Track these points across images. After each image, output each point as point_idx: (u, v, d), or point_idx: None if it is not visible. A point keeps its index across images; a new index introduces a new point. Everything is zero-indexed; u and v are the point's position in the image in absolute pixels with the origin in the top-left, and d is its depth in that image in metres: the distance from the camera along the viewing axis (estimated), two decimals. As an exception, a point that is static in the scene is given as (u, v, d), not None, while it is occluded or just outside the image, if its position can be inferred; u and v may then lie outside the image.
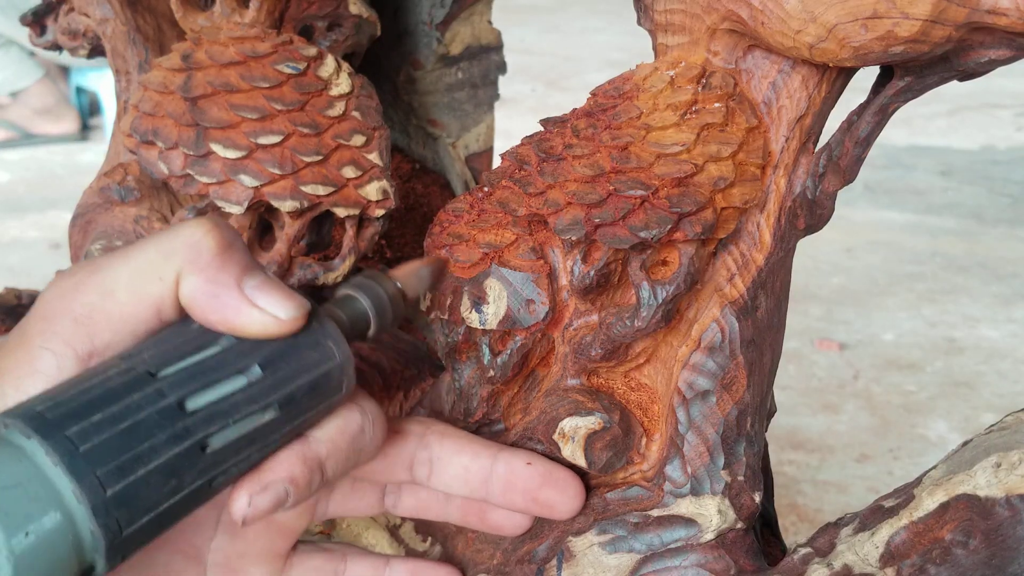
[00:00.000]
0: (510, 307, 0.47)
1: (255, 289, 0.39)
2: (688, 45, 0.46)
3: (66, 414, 0.35)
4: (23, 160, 2.76)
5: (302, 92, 0.58)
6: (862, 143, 0.45)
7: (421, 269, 0.45)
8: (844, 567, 0.44)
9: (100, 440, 0.34)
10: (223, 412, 0.37)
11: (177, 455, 0.36)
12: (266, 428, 0.38)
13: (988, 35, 0.39)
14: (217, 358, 0.38)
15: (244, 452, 0.38)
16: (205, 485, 0.37)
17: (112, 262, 0.40)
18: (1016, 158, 2.75)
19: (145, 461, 0.35)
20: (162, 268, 0.39)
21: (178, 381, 0.37)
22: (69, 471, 0.34)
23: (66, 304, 0.39)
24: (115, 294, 0.39)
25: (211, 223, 0.40)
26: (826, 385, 1.64)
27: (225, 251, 0.40)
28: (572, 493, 0.47)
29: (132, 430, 0.35)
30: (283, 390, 0.39)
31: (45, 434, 0.34)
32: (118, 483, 0.34)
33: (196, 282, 0.39)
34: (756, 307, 0.46)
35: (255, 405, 0.38)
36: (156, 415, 0.36)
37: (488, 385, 0.48)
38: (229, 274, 0.39)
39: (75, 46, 0.74)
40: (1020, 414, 0.45)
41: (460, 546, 0.51)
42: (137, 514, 0.35)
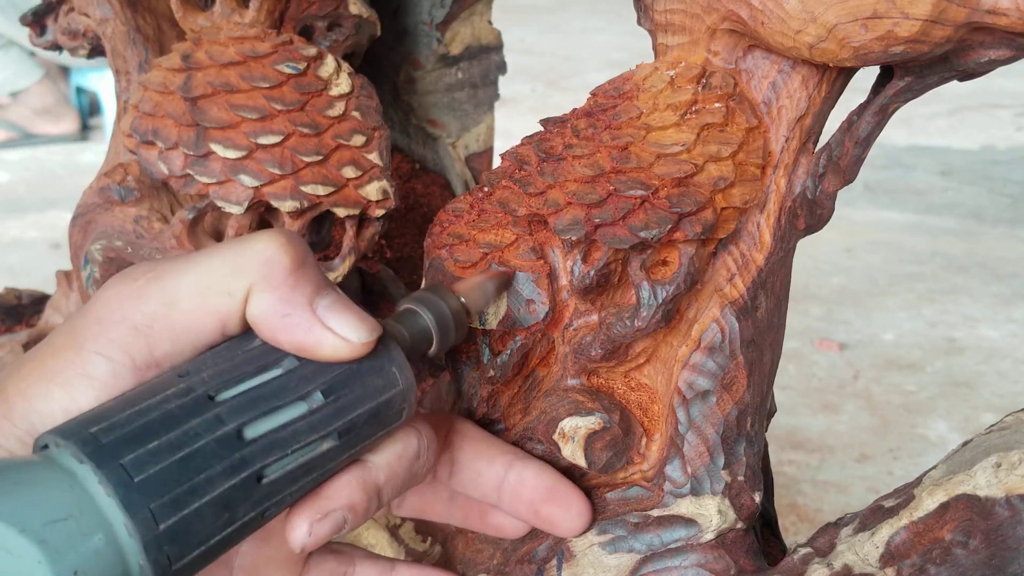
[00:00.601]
0: (510, 307, 0.47)
1: (327, 310, 0.38)
2: (688, 45, 0.46)
3: (121, 439, 0.34)
4: (23, 160, 2.76)
5: (302, 92, 0.58)
6: (862, 143, 0.45)
7: (486, 283, 0.45)
8: (844, 567, 0.44)
9: (155, 471, 0.33)
10: (282, 442, 0.36)
11: (232, 487, 0.35)
12: (324, 457, 0.37)
13: (988, 35, 0.39)
14: (278, 382, 0.37)
15: (300, 482, 0.37)
16: (258, 516, 0.36)
17: (176, 270, 0.38)
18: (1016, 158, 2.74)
19: (200, 494, 0.34)
20: (232, 282, 0.38)
21: (237, 407, 0.36)
22: (123, 505, 0.32)
23: (125, 310, 0.37)
24: (179, 304, 0.38)
25: (285, 237, 0.39)
26: (826, 385, 1.64)
27: (299, 268, 0.38)
28: (575, 512, 0.46)
29: (188, 460, 0.34)
30: (344, 418, 0.38)
31: (99, 462, 0.33)
32: (171, 518, 0.33)
33: (268, 300, 0.38)
34: (756, 307, 0.46)
35: (315, 434, 0.37)
36: (214, 444, 0.35)
37: (488, 385, 0.48)
38: (302, 293, 0.38)
39: (75, 46, 0.74)
40: (1020, 414, 0.45)
41: (460, 546, 0.51)
42: (188, 549, 0.34)
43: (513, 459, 0.46)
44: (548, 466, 0.47)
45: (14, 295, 0.88)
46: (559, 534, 0.47)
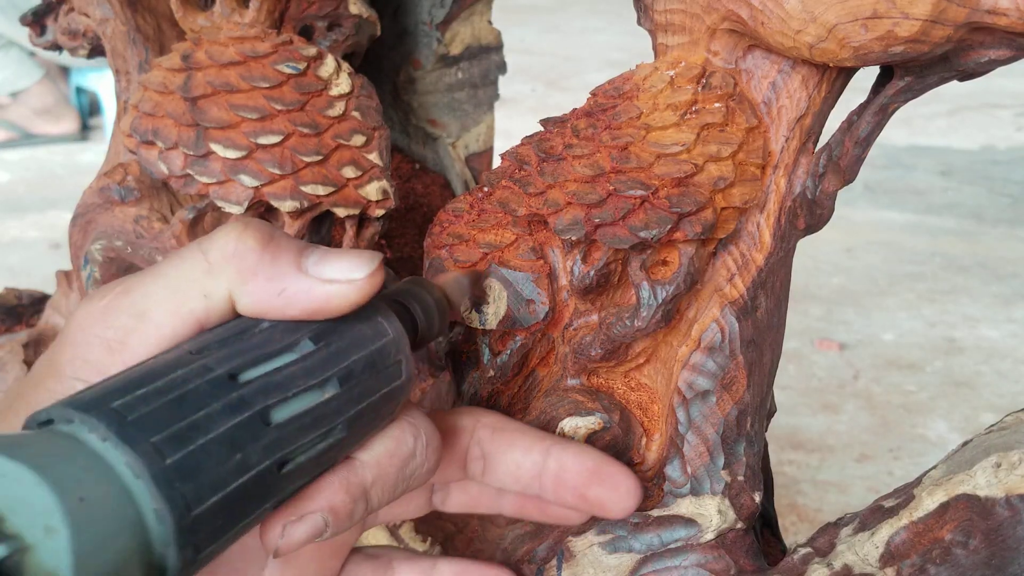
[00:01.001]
0: (510, 307, 0.47)
1: (317, 265, 0.37)
2: (688, 45, 0.46)
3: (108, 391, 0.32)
4: (23, 160, 2.76)
5: (302, 92, 0.58)
6: (862, 143, 0.45)
7: (460, 277, 0.45)
8: (844, 567, 0.44)
9: (149, 410, 0.31)
10: (278, 384, 0.35)
11: (237, 425, 0.33)
12: (328, 407, 0.36)
13: (988, 35, 0.39)
14: (263, 336, 0.36)
15: (309, 434, 0.35)
16: (272, 468, 0.34)
17: (142, 282, 0.37)
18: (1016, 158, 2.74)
19: (203, 430, 0.32)
20: (205, 284, 0.37)
21: (224, 357, 0.35)
22: (121, 439, 0.30)
23: (96, 329, 0.36)
24: (150, 315, 0.36)
25: (241, 224, 0.37)
26: (826, 385, 1.64)
27: (268, 243, 0.37)
28: (624, 490, 0.43)
29: (182, 400, 0.32)
30: (339, 364, 0.36)
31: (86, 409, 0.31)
32: (177, 452, 0.31)
33: (257, 287, 0.37)
34: (756, 307, 0.46)
35: (312, 379, 0.35)
36: (206, 385, 0.33)
37: (488, 385, 0.48)
38: (285, 263, 0.37)
39: (75, 46, 0.74)
40: (1020, 414, 0.45)
41: (460, 546, 0.51)
42: (204, 491, 0.31)
43: (551, 445, 0.44)
44: (589, 447, 0.44)
45: (14, 295, 0.88)
46: (610, 516, 0.44)
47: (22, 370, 0.79)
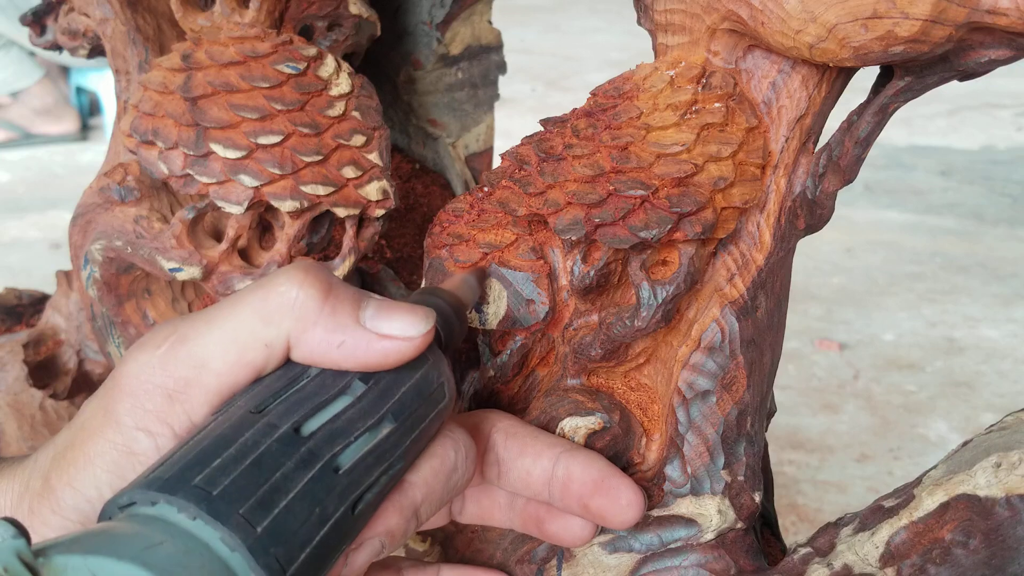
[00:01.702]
0: (510, 307, 0.47)
1: (375, 319, 0.38)
2: (688, 45, 0.46)
3: (186, 466, 0.33)
4: (23, 160, 2.76)
5: (302, 92, 0.58)
6: (862, 143, 0.45)
7: (467, 278, 0.45)
8: (844, 567, 0.44)
9: (230, 480, 0.32)
10: (340, 431, 0.36)
11: (312, 479, 0.34)
12: (388, 443, 0.37)
13: (988, 35, 0.39)
14: (315, 383, 0.37)
15: (374, 472, 0.36)
16: (348, 512, 0.35)
17: (199, 329, 0.37)
18: (1016, 158, 2.74)
19: (283, 491, 0.33)
20: (265, 334, 0.37)
21: (284, 412, 0.35)
22: (212, 516, 0.31)
23: (156, 379, 0.37)
24: (210, 365, 0.37)
25: (302, 271, 0.38)
26: (826, 385, 1.64)
27: (329, 294, 0.38)
28: (624, 502, 0.43)
29: (258, 464, 0.33)
30: (391, 399, 0.38)
31: (171, 490, 0.32)
32: (265, 518, 0.32)
33: (316, 337, 0.37)
34: (756, 307, 0.46)
35: (369, 419, 0.37)
36: (276, 444, 0.34)
37: (488, 385, 0.48)
38: (344, 315, 0.37)
39: (75, 46, 0.74)
40: (1020, 414, 0.45)
41: (460, 546, 0.51)
42: (294, 551, 0.33)
43: (561, 452, 0.44)
44: (597, 456, 0.45)
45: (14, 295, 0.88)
46: (612, 527, 0.45)
47: (22, 370, 0.80)
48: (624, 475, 0.44)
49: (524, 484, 0.44)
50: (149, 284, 0.67)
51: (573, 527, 0.45)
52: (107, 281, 0.65)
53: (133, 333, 0.66)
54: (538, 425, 0.47)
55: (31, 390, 0.80)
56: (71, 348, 0.82)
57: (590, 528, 0.45)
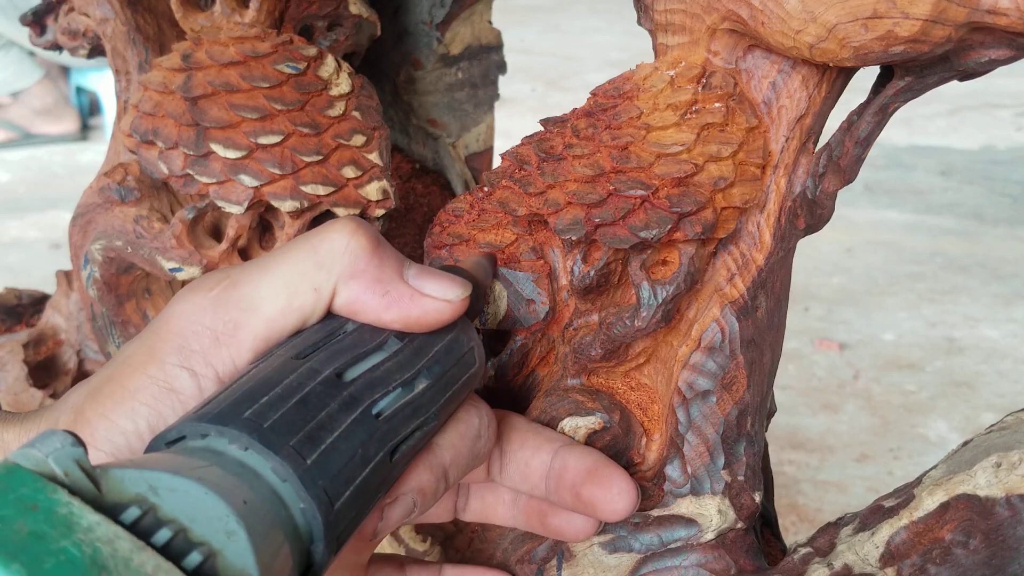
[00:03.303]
0: (510, 307, 0.47)
1: (417, 279, 0.39)
2: (688, 45, 0.45)
3: (236, 402, 0.33)
4: (23, 160, 2.76)
5: (302, 92, 0.58)
6: (862, 143, 0.45)
7: (481, 260, 0.46)
8: (844, 567, 0.44)
9: (279, 415, 0.33)
10: (379, 380, 0.37)
11: (354, 420, 0.35)
12: (424, 398, 0.38)
13: (988, 35, 0.39)
14: (353, 337, 0.38)
15: (410, 424, 0.37)
16: (386, 458, 0.36)
17: (252, 274, 0.38)
18: (1016, 158, 2.74)
19: (329, 429, 0.34)
20: (316, 278, 0.38)
21: (325, 359, 0.36)
22: (264, 446, 0.32)
23: (205, 320, 0.37)
24: (261, 309, 0.37)
25: (354, 223, 0.39)
26: (826, 385, 1.64)
27: (378, 248, 0.39)
28: (616, 491, 0.43)
29: (304, 403, 0.34)
30: (425, 357, 0.39)
31: (223, 422, 0.32)
32: (313, 452, 0.33)
33: (362, 285, 0.38)
34: (756, 307, 0.46)
35: (406, 373, 0.38)
36: (320, 386, 0.35)
37: (488, 385, 0.48)
38: (391, 269, 0.39)
39: (75, 46, 0.74)
40: (1020, 414, 0.45)
41: (460, 546, 0.51)
42: (340, 486, 0.33)
43: (560, 446, 0.44)
44: (592, 449, 0.45)
45: (14, 295, 0.88)
46: (602, 517, 0.44)
47: (22, 370, 0.80)
48: (618, 466, 0.45)
49: (523, 477, 0.45)
50: (149, 284, 0.67)
51: (576, 520, 0.45)
52: (107, 281, 0.65)
53: (133, 333, 0.66)
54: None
55: (31, 390, 0.80)
56: (71, 348, 0.82)
57: (592, 522, 0.45)
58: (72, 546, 0.25)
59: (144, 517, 0.27)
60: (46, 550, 0.25)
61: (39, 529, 0.25)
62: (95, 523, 0.26)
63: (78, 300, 0.81)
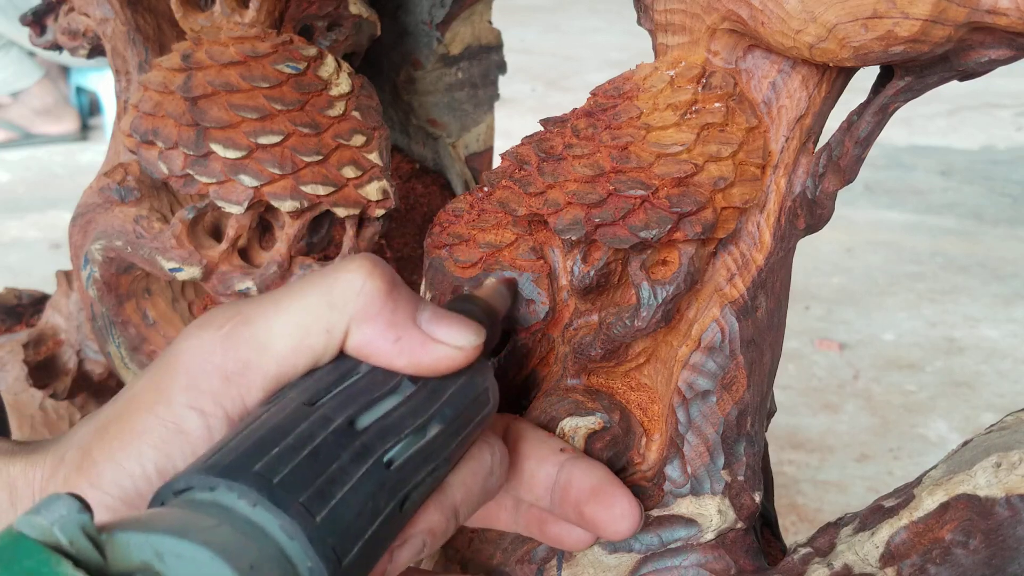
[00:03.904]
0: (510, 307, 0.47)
1: (430, 323, 0.38)
2: (688, 45, 0.45)
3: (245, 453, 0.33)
4: (23, 160, 2.76)
5: (302, 92, 0.58)
6: (862, 143, 0.45)
7: (499, 288, 0.45)
8: (844, 567, 0.44)
9: (289, 469, 0.33)
10: (392, 427, 0.36)
11: (366, 473, 0.34)
12: (436, 444, 0.37)
13: (988, 35, 0.39)
14: (366, 381, 0.37)
15: (422, 471, 0.37)
16: (396, 508, 0.35)
17: (264, 312, 0.37)
18: (1016, 158, 2.74)
19: (339, 483, 0.33)
20: (328, 319, 0.37)
21: (338, 405, 0.36)
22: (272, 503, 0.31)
23: (215, 359, 0.36)
24: (272, 348, 0.37)
25: (371, 262, 0.38)
26: (826, 385, 1.64)
27: (393, 290, 0.38)
28: (619, 512, 0.43)
29: (316, 455, 0.33)
30: (439, 401, 0.38)
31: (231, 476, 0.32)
32: (323, 508, 0.32)
33: (375, 328, 0.37)
34: (756, 307, 0.46)
35: (419, 418, 0.37)
36: (332, 436, 0.34)
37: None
38: (404, 313, 0.38)
39: (75, 46, 0.74)
40: (1020, 414, 0.45)
41: (460, 546, 0.51)
42: (349, 542, 0.33)
43: (566, 459, 0.44)
44: (599, 464, 0.44)
45: (14, 295, 0.88)
46: (605, 537, 0.44)
47: (22, 370, 0.80)
48: (623, 485, 0.44)
49: (528, 488, 0.44)
50: (149, 284, 0.67)
51: (575, 531, 0.45)
52: (107, 281, 0.65)
53: (133, 333, 0.67)
54: (538, 425, 0.47)
55: (31, 390, 0.80)
56: (71, 348, 0.82)
57: (590, 536, 0.45)
58: None
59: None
60: None
61: None
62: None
63: (78, 300, 0.81)
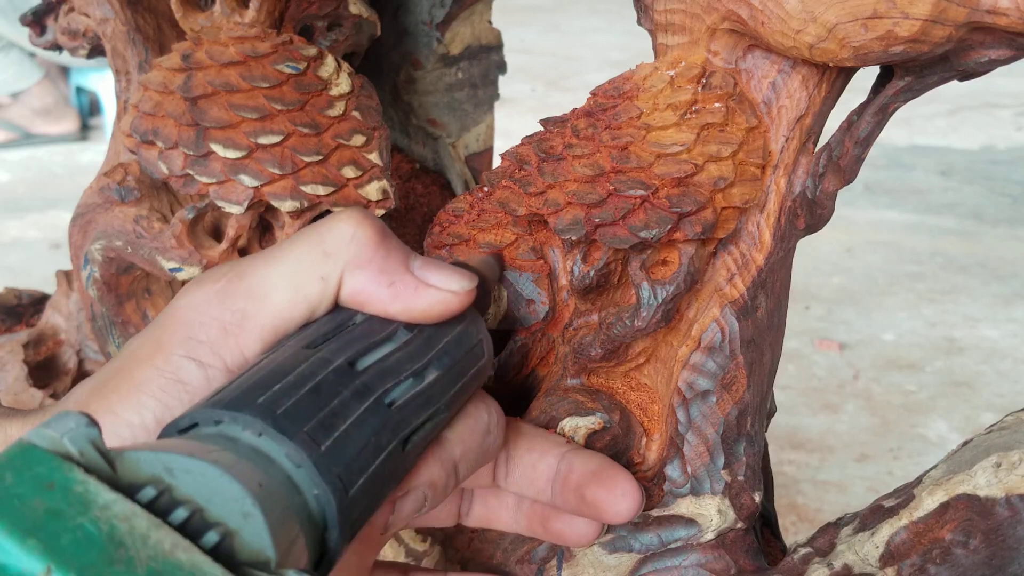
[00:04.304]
0: (510, 307, 0.47)
1: (423, 270, 0.39)
2: (688, 45, 0.46)
3: (248, 389, 0.33)
4: (23, 160, 2.76)
5: (302, 92, 0.58)
6: (862, 143, 0.45)
7: (488, 259, 0.46)
8: (844, 567, 0.44)
9: (292, 402, 0.33)
10: (391, 369, 0.37)
11: (367, 409, 0.35)
12: (434, 388, 0.38)
13: (988, 35, 0.39)
14: (363, 328, 0.38)
15: (422, 414, 0.37)
16: (399, 448, 0.36)
17: (258, 266, 0.38)
18: (1016, 158, 2.74)
19: (342, 416, 0.34)
20: (323, 267, 0.38)
21: (336, 349, 0.36)
22: (278, 431, 0.32)
23: (212, 311, 0.37)
24: (269, 299, 0.37)
25: (360, 214, 0.39)
26: (826, 385, 1.64)
27: (384, 238, 0.39)
28: (619, 492, 0.43)
29: (317, 391, 0.34)
30: (435, 348, 0.39)
31: (236, 408, 0.32)
32: (327, 438, 0.33)
33: (368, 274, 0.38)
34: (756, 307, 0.46)
35: (417, 363, 0.38)
36: (332, 375, 0.35)
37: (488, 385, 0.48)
38: (396, 260, 0.38)
39: (75, 46, 0.74)
40: (1020, 414, 0.45)
41: (460, 546, 0.51)
42: (354, 473, 0.33)
43: (566, 451, 0.44)
44: (599, 453, 0.45)
45: (14, 295, 0.88)
46: (606, 519, 0.44)
47: (22, 370, 0.80)
48: (623, 468, 0.45)
49: (529, 482, 0.44)
50: (149, 284, 0.67)
51: (578, 524, 0.45)
52: (107, 281, 0.65)
53: (133, 333, 0.67)
54: (538, 425, 0.47)
55: (31, 390, 0.80)
56: (71, 348, 0.82)
57: (595, 526, 0.45)
58: (89, 523, 0.25)
59: (160, 497, 0.27)
60: (63, 527, 0.25)
61: (56, 506, 0.25)
62: (111, 501, 0.26)
63: (78, 300, 0.81)
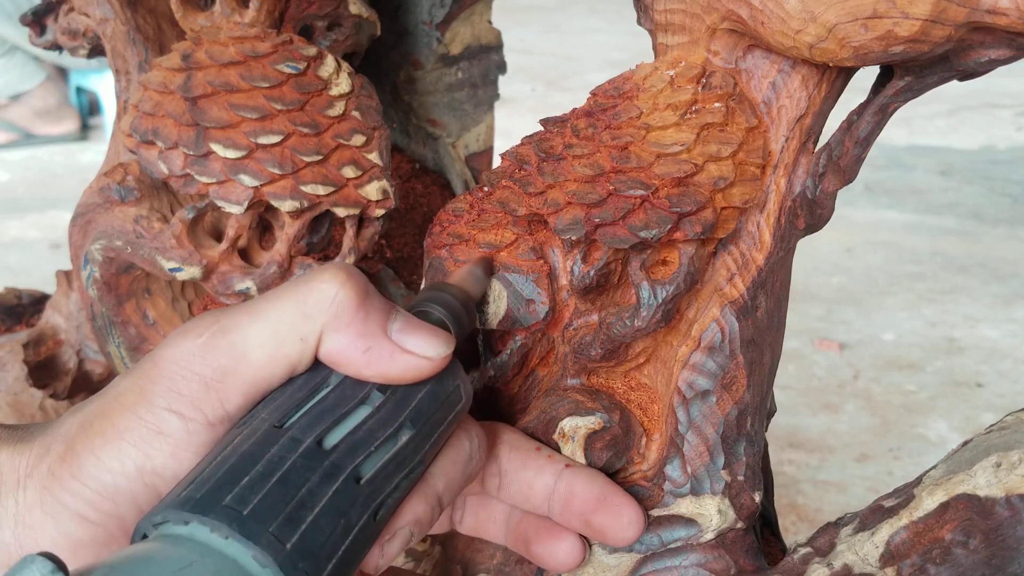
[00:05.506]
0: (510, 307, 0.47)
1: (401, 333, 0.39)
2: (688, 45, 0.45)
3: (216, 485, 0.34)
4: (23, 160, 2.76)
5: (302, 92, 0.58)
6: (862, 143, 0.45)
7: (473, 270, 0.46)
8: (844, 567, 0.44)
9: (259, 499, 0.34)
10: (361, 441, 0.37)
11: (336, 492, 0.35)
12: (408, 449, 0.38)
13: (988, 35, 0.39)
14: (335, 395, 0.38)
15: (395, 479, 0.38)
16: (370, 520, 0.36)
17: (241, 320, 0.39)
18: (1016, 158, 2.74)
19: (309, 506, 0.34)
20: (303, 328, 0.38)
21: (307, 425, 0.36)
22: (243, 535, 0.32)
23: (194, 366, 0.38)
24: (249, 356, 0.38)
25: (345, 272, 0.39)
26: (826, 385, 1.64)
27: (365, 300, 0.39)
28: (627, 520, 0.45)
29: (285, 481, 0.34)
30: (408, 406, 0.39)
31: (203, 511, 0.33)
32: (293, 534, 0.33)
33: (345, 338, 0.38)
34: (756, 307, 0.46)
35: (389, 428, 0.38)
36: (300, 459, 0.35)
37: (488, 385, 0.48)
38: (375, 323, 0.39)
39: (75, 46, 0.74)
40: (1020, 414, 0.45)
41: (460, 546, 0.51)
42: (322, 563, 0.34)
43: (563, 468, 0.45)
44: (598, 473, 0.46)
45: (14, 295, 0.88)
46: (612, 544, 0.46)
47: (22, 370, 0.80)
48: (626, 493, 0.46)
49: (525, 497, 0.45)
50: (149, 284, 0.67)
51: (558, 552, 0.46)
52: (107, 281, 0.65)
53: (133, 333, 0.67)
54: (538, 425, 0.47)
55: (31, 390, 0.80)
56: (71, 348, 0.82)
57: (576, 555, 0.46)
58: None
59: None
60: None
61: None
62: None
63: (78, 300, 0.81)
